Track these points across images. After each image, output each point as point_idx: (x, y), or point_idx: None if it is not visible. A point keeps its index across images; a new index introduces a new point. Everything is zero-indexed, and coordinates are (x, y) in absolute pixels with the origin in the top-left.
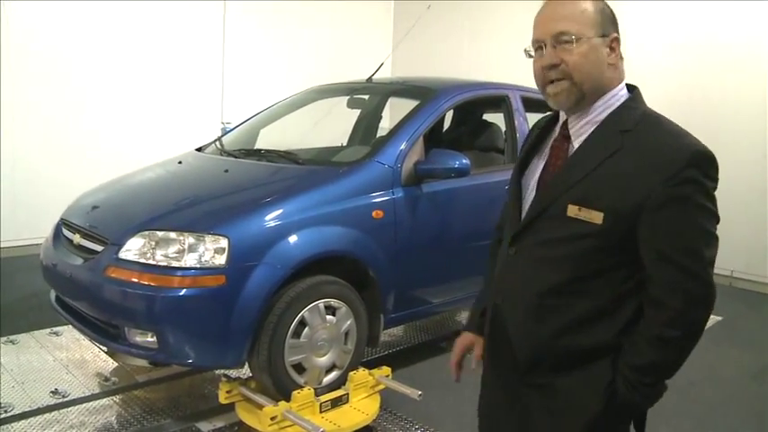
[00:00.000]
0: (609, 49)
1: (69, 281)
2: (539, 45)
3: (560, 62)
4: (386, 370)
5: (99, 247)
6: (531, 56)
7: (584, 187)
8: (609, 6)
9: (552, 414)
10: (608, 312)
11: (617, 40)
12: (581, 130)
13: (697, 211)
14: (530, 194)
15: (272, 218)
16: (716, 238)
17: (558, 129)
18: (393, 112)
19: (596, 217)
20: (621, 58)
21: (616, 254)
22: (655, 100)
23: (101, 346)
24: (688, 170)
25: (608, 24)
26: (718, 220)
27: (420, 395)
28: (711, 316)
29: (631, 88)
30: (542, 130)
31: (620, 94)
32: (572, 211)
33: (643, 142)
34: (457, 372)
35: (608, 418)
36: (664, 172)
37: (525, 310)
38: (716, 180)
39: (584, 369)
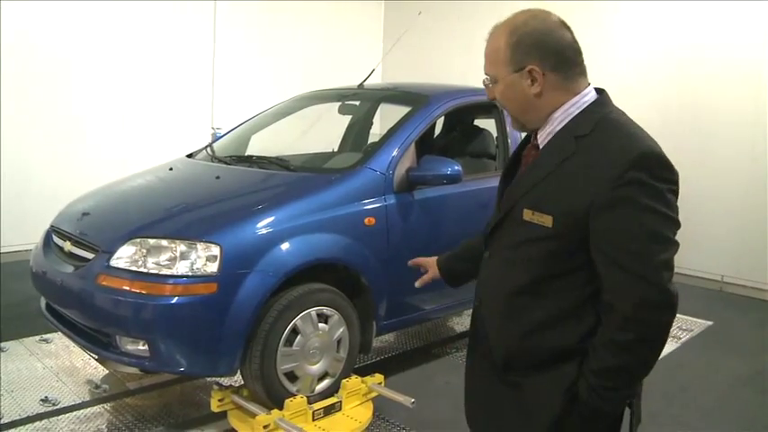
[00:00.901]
0: (530, 81)
1: (59, 288)
2: None
3: (494, 97)
4: (378, 377)
5: (90, 255)
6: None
7: (538, 192)
8: (535, 32)
9: (521, 412)
10: (573, 314)
11: (534, 70)
12: (545, 141)
13: (643, 213)
14: None
15: (263, 225)
16: (670, 241)
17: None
18: (384, 119)
19: (547, 220)
20: (567, 78)
21: (574, 256)
22: (646, 103)
23: (91, 354)
24: (632, 172)
25: (523, 56)
26: (674, 221)
27: (413, 402)
28: (702, 321)
29: (599, 92)
30: (526, 140)
31: (583, 101)
32: (527, 215)
33: (595, 146)
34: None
35: (573, 421)
36: (608, 174)
37: (497, 311)
38: (669, 181)
39: (551, 370)
